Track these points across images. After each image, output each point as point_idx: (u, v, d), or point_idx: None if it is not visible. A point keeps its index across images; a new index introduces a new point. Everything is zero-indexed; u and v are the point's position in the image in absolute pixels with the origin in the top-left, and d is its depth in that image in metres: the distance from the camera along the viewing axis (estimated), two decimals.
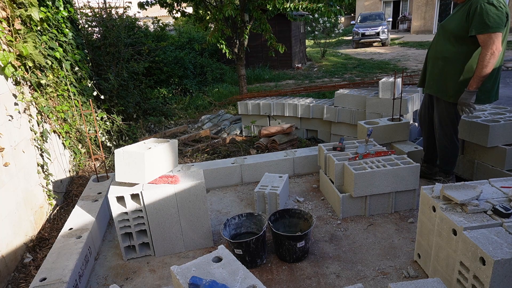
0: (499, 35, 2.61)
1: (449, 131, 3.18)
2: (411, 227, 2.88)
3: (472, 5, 2.70)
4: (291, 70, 13.78)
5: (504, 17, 2.61)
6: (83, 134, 4.60)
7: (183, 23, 16.54)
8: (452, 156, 3.30)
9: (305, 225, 2.71)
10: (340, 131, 5.65)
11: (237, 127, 6.95)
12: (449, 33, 2.93)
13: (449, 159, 3.32)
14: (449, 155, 3.30)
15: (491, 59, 2.62)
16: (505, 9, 2.63)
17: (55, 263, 2.35)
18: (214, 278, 1.51)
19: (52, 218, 3.59)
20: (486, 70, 2.67)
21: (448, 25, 2.95)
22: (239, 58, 7.76)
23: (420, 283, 1.57)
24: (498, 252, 1.61)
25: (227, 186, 3.89)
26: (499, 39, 2.61)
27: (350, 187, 3.02)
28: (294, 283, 2.37)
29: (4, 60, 3.14)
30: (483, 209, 1.93)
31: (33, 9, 3.57)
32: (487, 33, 2.61)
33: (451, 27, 2.91)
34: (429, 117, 3.42)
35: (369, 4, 27.20)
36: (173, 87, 10.27)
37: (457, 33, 2.84)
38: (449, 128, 3.17)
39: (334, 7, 6.60)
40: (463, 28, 2.78)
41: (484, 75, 2.69)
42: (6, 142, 3.04)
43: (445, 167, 3.37)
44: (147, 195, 2.59)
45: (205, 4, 7.56)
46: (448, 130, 3.17)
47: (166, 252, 2.79)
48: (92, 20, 6.57)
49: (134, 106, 6.46)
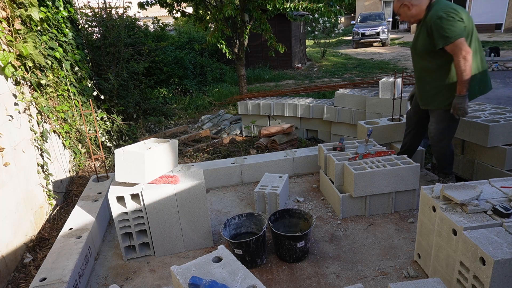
0: (462, 40, 2.70)
1: (446, 138, 3.16)
2: (411, 227, 2.88)
3: (427, 24, 2.84)
4: (291, 70, 13.77)
5: (458, 23, 2.70)
6: (83, 134, 4.60)
7: (183, 23, 16.54)
8: (449, 158, 3.31)
9: (305, 225, 2.71)
10: (340, 131, 5.65)
11: (237, 127, 6.95)
12: (421, 51, 3.02)
13: (447, 162, 3.33)
14: (447, 159, 3.31)
15: (466, 63, 2.71)
16: (456, 15, 2.72)
17: (55, 263, 2.35)
18: (214, 278, 1.51)
19: (52, 218, 3.59)
20: (466, 74, 2.75)
21: (417, 45, 3.04)
22: (239, 58, 7.76)
23: (420, 283, 1.57)
24: (498, 252, 1.61)
25: (227, 186, 3.89)
26: (464, 43, 2.70)
27: (350, 187, 3.02)
28: (294, 283, 2.37)
29: (4, 60, 3.14)
30: (483, 209, 1.93)
31: (33, 9, 3.57)
32: (450, 43, 2.72)
33: (420, 46, 3.00)
34: (417, 118, 3.42)
35: (369, 4, 27.19)
36: (173, 87, 10.27)
37: (427, 49, 2.93)
38: (446, 134, 3.14)
39: (334, 7, 6.60)
40: (430, 45, 2.88)
41: (466, 79, 2.77)
42: (6, 142, 3.04)
43: (445, 169, 3.37)
44: (147, 195, 2.59)
45: (205, 4, 7.56)
46: (445, 136, 3.15)
47: (166, 252, 2.79)
48: (92, 20, 6.57)
49: (134, 106, 6.46)
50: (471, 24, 2.81)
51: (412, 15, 2.93)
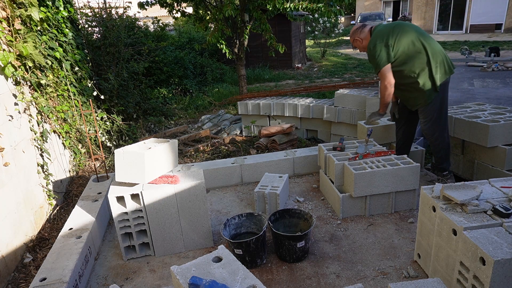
0: (387, 67, 3.13)
1: (437, 129, 3.28)
2: (411, 227, 2.88)
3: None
4: (291, 70, 13.77)
5: (382, 53, 3.10)
6: (83, 134, 4.60)
7: (183, 23, 16.54)
8: (445, 151, 3.36)
9: (305, 225, 2.71)
10: (340, 131, 5.65)
11: (237, 127, 6.94)
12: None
13: (442, 154, 3.38)
14: (442, 151, 3.37)
15: (386, 91, 3.19)
16: (381, 44, 3.11)
17: (55, 263, 2.35)
18: (214, 278, 1.51)
19: (52, 218, 3.59)
20: (384, 99, 3.25)
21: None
22: (239, 58, 7.76)
23: (420, 283, 1.57)
24: (498, 252, 1.61)
25: (227, 186, 3.88)
26: (387, 73, 3.14)
27: (350, 187, 3.02)
28: (294, 283, 2.37)
29: (4, 60, 3.14)
30: (483, 209, 1.93)
31: (33, 9, 3.57)
32: (378, 71, 3.18)
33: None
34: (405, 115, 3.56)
35: (369, 4, 27.20)
36: (173, 87, 10.27)
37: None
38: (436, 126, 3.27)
39: (334, 7, 6.60)
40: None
41: (385, 103, 3.28)
42: (6, 142, 3.04)
43: (441, 164, 3.43)
44: (147, 195, 2.59)
45: (205, 4, 7.56)
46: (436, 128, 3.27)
47: (166, 252, 2.79)
48: (92, 20, 6.57)
49: (134, 106, 6.46)
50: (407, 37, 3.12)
51: (364, 46, 3.34)
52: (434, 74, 3.12)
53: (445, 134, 3.31)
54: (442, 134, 3.29)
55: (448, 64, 3.19)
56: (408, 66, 3.15)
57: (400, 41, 3.11)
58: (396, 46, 3.11)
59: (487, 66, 10.46)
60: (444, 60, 3.17)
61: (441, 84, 3.15)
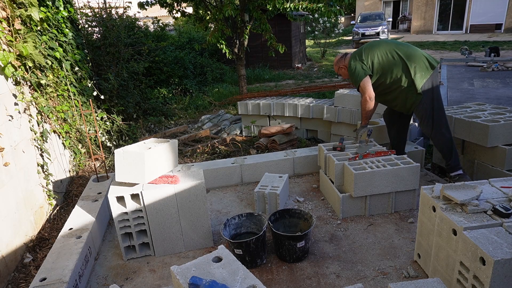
0: (366, 80, 3.25)
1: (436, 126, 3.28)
2: (411, 227, 2.88)
3: None
4: (291, 70, 13.76)
5: (357, 68, 3.26)
6: (83, 134, 4.60)
7: (183, 23, 16.53)
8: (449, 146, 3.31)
9: (305, 225, 2.71)
10: (340, 131, 5.64)
11: (237, 127, 6.94)
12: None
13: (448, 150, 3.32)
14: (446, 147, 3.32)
15: (366, 104, 3.30)
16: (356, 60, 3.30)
17: (55, 263, 2.35)
18: (214, 278, 1.51)
19: (52, 218, 3.58)
20: (365, 112, 3.35)
21: None
22: (239, 58, 7.75)
23: (420, 283, 1.57)
24: (498, 252, 1.61)
25: (227, 186, 3.88)
26: (366, 85, 3.25)
27: (350, 187, 3.02)
28: (294, 283, 2.37)
29: (4, 60, 3.14)
30: (483, 209, 1.93)
31: (33, 9, 3.57)
32: (358, 85, 3.30)
33: None
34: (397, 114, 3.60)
35: (369, 4, 27.19)
36: (173, 87, 10.26)
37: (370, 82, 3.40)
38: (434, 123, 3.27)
39: (334, 7, 6.59)
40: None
41: (366, 115, 3.38)
42: (6, 142, 3.04)
43: (449, 161, 3.33)
44: (147, 195, 2.59)
45: (205, 4, 7.55)
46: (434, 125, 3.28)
47: (166, 252, 2.79)
48: (92, 20, 6.57)
49: (134, 106, 6.46)
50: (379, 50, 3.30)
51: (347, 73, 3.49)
52: (413, 76, 3.22)
53: (443, 129, 3.29)
54: (440, 130, 3.29)
55: (427, 61, 3.25)
56: (388, 75, 3.29)
57: (373, 54, 3.30)
58: (370, 59, 3.29)
59: (487, 66, 10.46)
60: (422, 60, 3.24)
61: (425, 83, 3.22)
